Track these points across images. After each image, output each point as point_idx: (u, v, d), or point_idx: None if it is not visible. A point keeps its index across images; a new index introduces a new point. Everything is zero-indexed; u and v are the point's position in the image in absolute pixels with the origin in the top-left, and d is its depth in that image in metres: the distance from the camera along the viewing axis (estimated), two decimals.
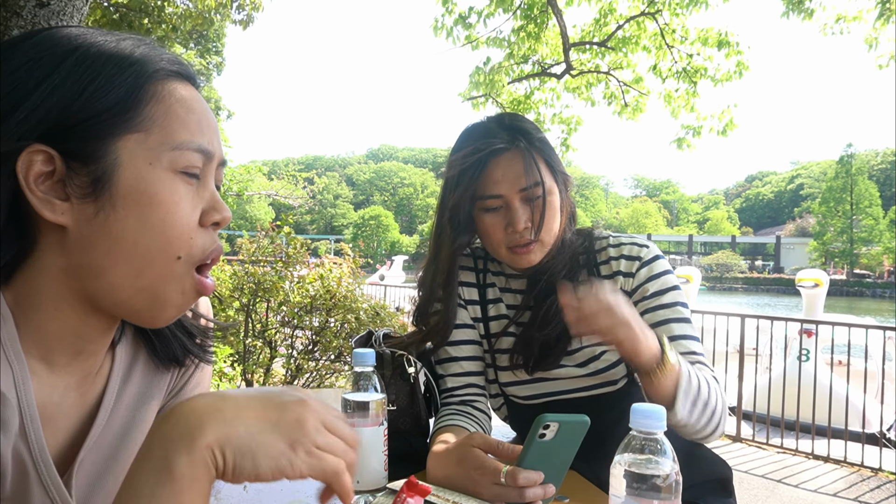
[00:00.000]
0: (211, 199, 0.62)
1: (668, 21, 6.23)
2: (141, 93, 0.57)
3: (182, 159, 0.58)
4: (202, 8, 6.09)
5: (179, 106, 0.59)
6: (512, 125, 1.17)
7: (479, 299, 1.31)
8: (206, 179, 0.62)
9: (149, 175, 0.56)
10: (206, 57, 14.92)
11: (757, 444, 4.68)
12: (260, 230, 4.46)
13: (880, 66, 5.80)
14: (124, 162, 0.56)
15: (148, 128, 0.57)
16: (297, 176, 18.97)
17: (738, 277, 54.25)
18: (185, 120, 0.59)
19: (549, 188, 1.14)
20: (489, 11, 6.03)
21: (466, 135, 1.20)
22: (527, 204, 1.13)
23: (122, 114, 0.56)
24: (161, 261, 0.58)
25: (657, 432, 0.68)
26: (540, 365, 1.20)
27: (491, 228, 1.16)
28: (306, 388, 3.84)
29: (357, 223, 73.24)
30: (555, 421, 0.84)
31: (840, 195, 51.05)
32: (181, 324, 0.73)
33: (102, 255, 0.56)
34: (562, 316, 1.19)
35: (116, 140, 0.56)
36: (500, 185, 1.12)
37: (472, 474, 0.91)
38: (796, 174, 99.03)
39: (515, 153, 1.12)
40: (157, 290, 0.59)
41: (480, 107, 6.88)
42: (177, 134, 0.58)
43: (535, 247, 1.15)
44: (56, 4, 2.52)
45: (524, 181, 1.12)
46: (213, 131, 0.63)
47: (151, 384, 0.73)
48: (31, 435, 0.57)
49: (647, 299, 1.18)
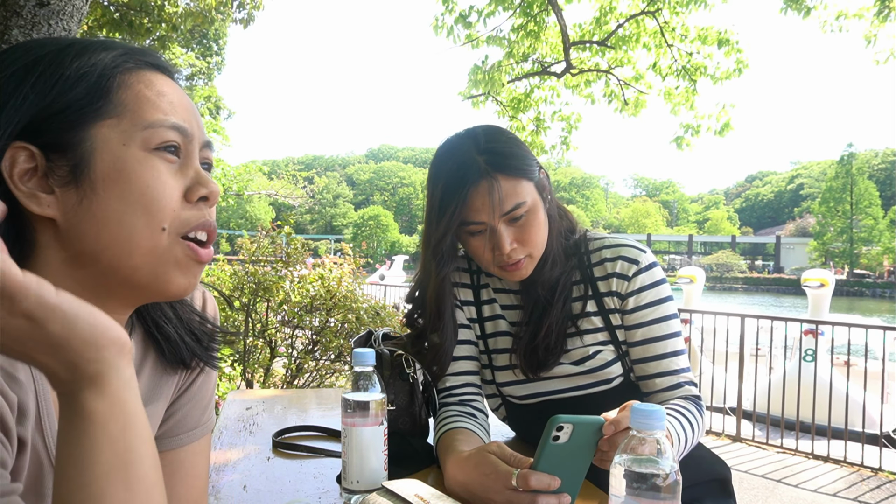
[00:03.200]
0: (196, 176, 0.64)
1: (668, 19, 6.23)
2: (109, 82, 0.60)
3: (155, 137, 0.60)
4: (203, 7, 6.09)
5: (149, 90, 0.62)
6: (488, 148, 1.12)
7: (475, 300, 1.31)
8: (189, 158, 0.64)
9: (123, 155, 0.59)
10: (206, 58, 14.91)
11: (757, 444, 4.68)
12: (260, 230, 4.45)
13: (877, 62, 5.80)
14: (99, 146, 0.58)
15: (120, 113, 0.60)
16: (297, 176, 18.98)
17: (738, 277, 54.24)
18: (155, 102, 0.61)
19: (531, 206, 1.12)
20: (489, 10, 6.03)
21: (444, 160, 1.17)
22: (511, 225, 1.12)
23: (93, 103, 0.59)
24: (146, 235, 0.59)
25: (657, 432, 0.68)
26: (540, 370, 1.21)
27: (478, 251, 1.15)
28: (306, 387, 3.85)
29: (357, 223, 73.21)
30: (569, 422, 0.81)
31: (840, 195, 51.02)
32: (189, 328, 0.75)
33: (93, 239, 0.58)
34: (558, 318, 1.20)
35: (90, 128, 0.58)
36: (481, 213, 1.10)
37: (485, 480, 0.91)
38: (796, 174, 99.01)
39: (493, 181, 1.09)
40: (151, 265, 0.60)
41: (480, 105, 6.88)
42: (147, 114, 0.60)
43: (524, 262, 1.15)
44: (56, 4, 2.52)
45: (505, 206, 1.10)
46: (188, 112, 0.65)
47: (159, 384, 0.74)
48: (47, 426, 0.58)
49: (642, 310, 1.19)
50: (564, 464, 0.85)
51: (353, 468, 0.99)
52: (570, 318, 1.21)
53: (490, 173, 1.10)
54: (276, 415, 1.55)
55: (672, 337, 1.18)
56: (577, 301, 1.22)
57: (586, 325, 1.22)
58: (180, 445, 0.78)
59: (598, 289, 1.22)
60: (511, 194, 1.10)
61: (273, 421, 1.48)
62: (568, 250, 1.24)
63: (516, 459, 0.91)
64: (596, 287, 1.22)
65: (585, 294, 1.22)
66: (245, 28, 6.55)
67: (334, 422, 1.42)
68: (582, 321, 1.22)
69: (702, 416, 1.13)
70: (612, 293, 1.20)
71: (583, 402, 1.21)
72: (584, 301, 1.22)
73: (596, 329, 1.21)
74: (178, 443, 0.78)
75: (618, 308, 1.21)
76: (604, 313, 1.21)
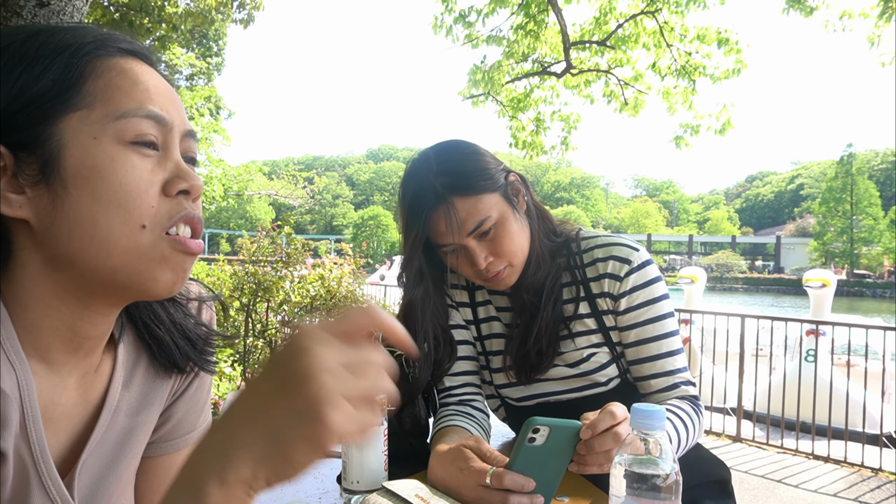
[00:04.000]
0: (175, 169, 0.59)
1: (668, 19, 6.23)
2: (76, 72, 0.56)
3: (129, 128, 0.56)
4: (203, 7, 6.10)
5: (122, 78, 0.58)
6: (441, 169, 1.10)
7: (469, 302, 1.30)
8: (169, 149, 0.60)
9: (94, 150, 0.55)
10: (206, 58, 14.91)
11: (757, 444, 4.68)
12: (260, 230, 4.46)
13: (883, 64, 5.79)
14: (69, 141, 0.55)
15: (90, 104, 0.56)
16: (297, 176, 18.94)
17: (738, 277, 54.21)
18: (128, 91, 0.57)
19: (497, 218, 1.11)
20: (489, 10, 6.03)
21: (405, 184, 1.16)
22: (481, 240, 1.11)
23: (60, 95, 0.55)
24: (124, 234, 0.55)
25: (657, 432, 0.69)
26: (533, 373, 1.21)
27: (458, 267, 1.15)
28: None
29: (357, 223, 73.15)
30: (545, 425, 0.81)
31: (840, 195, 50.98)
32: (183, 331, 0.72)
33: (67, 241, 0.55)
34: (548, 321, 1.19)
35: (58, 122, 0.55)
36: (447, 235, 1.10)
37: (459, 475, 0.91)
38: (796, 174, 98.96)
39: (449, 205, 1.08)
40: (133, 265, 0.57)
41: (480, 105, 6.89)
42: (120, 104, 0.56)
43: (505, 272, 1.14)
44: (56, 4, 2.52)
45: (468, 227, 1.09)
46: (167, 100, 0.60)
47: (152, 389, 0.71)
48: (33, 435, 0.56)
49: (635, 310, 1.17)
50: (540, 466, 0.85)
51: (353, 468, 0.99)
52: (561, 320, 1.20)
53: (445, 197, 1.08)
54: None
55: (667, 337, 1.17)
56: (568, 303, 1.21)
57: (579, 327, 1.20)
58: (177, 450, 0.77)
59: (591, 290, 1.20)
60: (472, 213, 1.09)
61: None
62: (554, 251, 1.22)
63: (492, 456, 0.91)
64: (588, 288, 1.20)
65: (577, 296, 1.21)
66: (245, 28, 6.56)
67: None
68: (574, 323, 1.20)
69: (699, 416, 1.13)
70: (604, 294, 1.19)
71: (579, 403, 1.21)
72: (576, 303, 1.21)
73: (589, 331, 1.20)
74: (175, 447, 0.76)
75: (611, 309, 1.19)
76: (597, 315, 1.20)
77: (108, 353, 0.67)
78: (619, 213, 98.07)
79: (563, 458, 0.86)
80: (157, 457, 0.75)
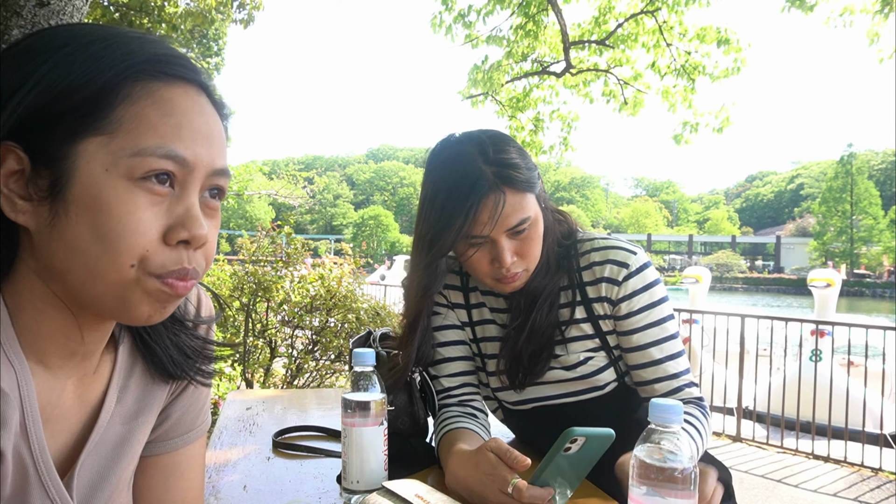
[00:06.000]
0: (184, 213, 0.56)
1: (667, 18, 6.23)
2: (112, 93, 0.54)
3: (142, 166, 0.54)
4: (203, 7, 6.10)
5: (154, 109, 0.55)
6: (497, 159, 1.07)
7: (464, 303, 1.29)
8: (186, 189, 0.57)
9: (103, 181, 0.53)
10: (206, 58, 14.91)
11: (757, 444, 4.68)
12: (260, 230, 4.46)
13: (881, 60, 5.79)
14: (81, 166, 0.53)
15: (113, 131, 0.53)
16: (298, 176, 18.93)
17: (738, 277, 54.19)
18: (155, 124, 0.54)
19: (534, 219, 1.10)
20: (488, 9, 6.03)
21: (445, 168, 1.11)
22: (513, 238, 1.09)
23: (88, 115, 0.53)
24: (112, 269, 0.54)
25: (675, 426, 0.71)
26: (527, 378, 1.20)
27: (476, 262, 1.11)
28: (306, 387, 3.84)
29: (357, 223, 73.19)
30: (582, 435, 0.82)
31: (840, 195, 50.99)
32: (177, 343, 0.71)
33: (60, 259, 0.55)
34: (542, 326, 1.18)
35: (78, 143, 0.53)
36: (487, 226, 1.05)
37: (484, 479, 0.91)
38: (796, 174, 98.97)
39: (501, 195, 1.05)
40: (116, 294, 0.56)
41: (479, 105, 6.89)
42: (141, 139, 0.54)
43: (521, 275, 1.12)
44: (56, 4, 2.52)
45: (511, 221, 1.06)
46: (199, 138, 0.57)
47: (148, 395, 0.71)
48: (33, 435, 0.57)
49: (635, 315, 1.15)
50: (567, 471, 0.87)
51: (354, 468, 0.99)
52: (556, 325, 1.18)
53: (499, 187, 1.05)
54: (276, 415, 1.55)
55: (668, 340, 1.15)
56: (564, 307, 1.19)
57: (575, 332, 1.19)
58: (175, 449, 0.77)
59: (588, 294, 1.18)
60: (517, 209, 1.06)
61: (273, 421, 1.48)
62: (560, 258, 1.20)
63: (512, 456, 0.91)
64: (585, 293, 1.19)
65: (573, 300, 1.19)
66: (245, 28, 6.57)
67: (334, 422, 1.42)
68: (570, 328, 1.19)
69: (707, 418, 1.12)
70: (601, 298, 1.17)
71: (576, 408, 1.20)
72: (571, 307, 1.19)
73: (585, 336, 1.19)
74: (173, 446, 0.77)
75: (609, 314, 1.18)
76: (593, 319, 1.18)
77: (108, 355, 0.67)
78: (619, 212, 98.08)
79: (589, 462, 0.88)
80: (156, 456, 0.76)
